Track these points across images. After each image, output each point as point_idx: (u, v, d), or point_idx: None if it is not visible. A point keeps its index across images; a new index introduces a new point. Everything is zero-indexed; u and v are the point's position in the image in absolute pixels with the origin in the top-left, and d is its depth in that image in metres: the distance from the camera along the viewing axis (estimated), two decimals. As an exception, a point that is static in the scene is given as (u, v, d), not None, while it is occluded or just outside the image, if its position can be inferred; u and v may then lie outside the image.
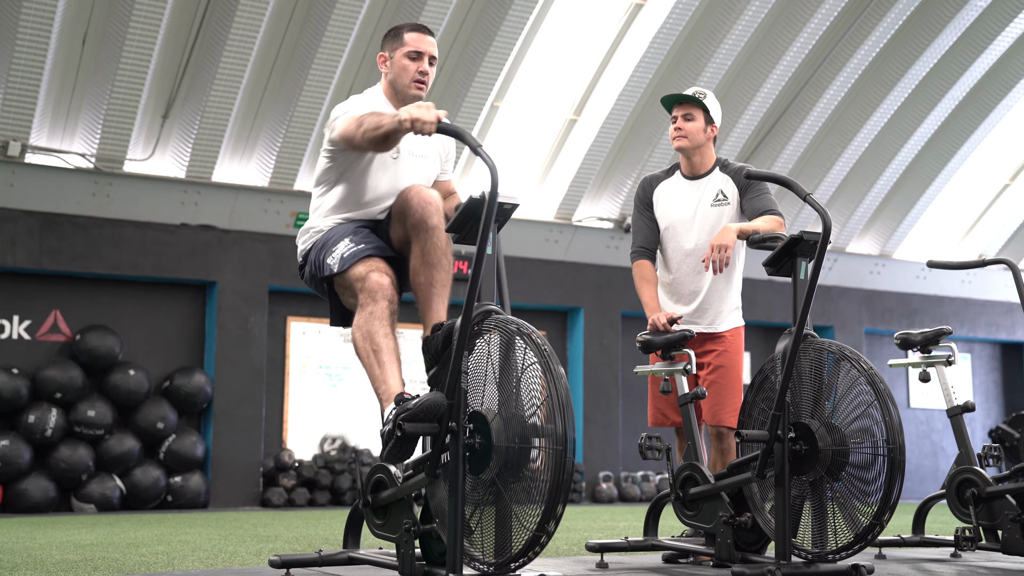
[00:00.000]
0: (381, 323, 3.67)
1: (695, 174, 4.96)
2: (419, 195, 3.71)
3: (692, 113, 4.89)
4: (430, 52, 4.03)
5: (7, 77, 9.21)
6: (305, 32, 9.99)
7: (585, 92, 11.67)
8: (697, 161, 4.94)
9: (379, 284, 3.68)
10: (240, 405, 10.47)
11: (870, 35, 11.82)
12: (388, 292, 3.70)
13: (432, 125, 3.44)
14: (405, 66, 3.99)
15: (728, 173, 4.92)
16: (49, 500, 9.34)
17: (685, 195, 4.94)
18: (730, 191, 4.89)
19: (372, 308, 3.68)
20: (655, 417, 4.99)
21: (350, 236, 3.84)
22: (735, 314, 4.93)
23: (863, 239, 14.18)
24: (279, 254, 10.68)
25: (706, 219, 4.86)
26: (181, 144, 10.27)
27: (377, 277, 3.69)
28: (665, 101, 4.98)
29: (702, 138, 4.90)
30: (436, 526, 3.51)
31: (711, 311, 4.88)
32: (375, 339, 3.65)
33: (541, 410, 3.31)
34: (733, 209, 4.86)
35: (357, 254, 3.75)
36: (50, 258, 9.89)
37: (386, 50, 4.06)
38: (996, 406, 15.58)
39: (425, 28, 4.07)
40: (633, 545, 4.80)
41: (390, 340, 3.67)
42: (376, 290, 3.68)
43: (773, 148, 12.61)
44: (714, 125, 4.92)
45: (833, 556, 4.09)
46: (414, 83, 3.99)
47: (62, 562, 4.96)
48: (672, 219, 4.93)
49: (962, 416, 5.26)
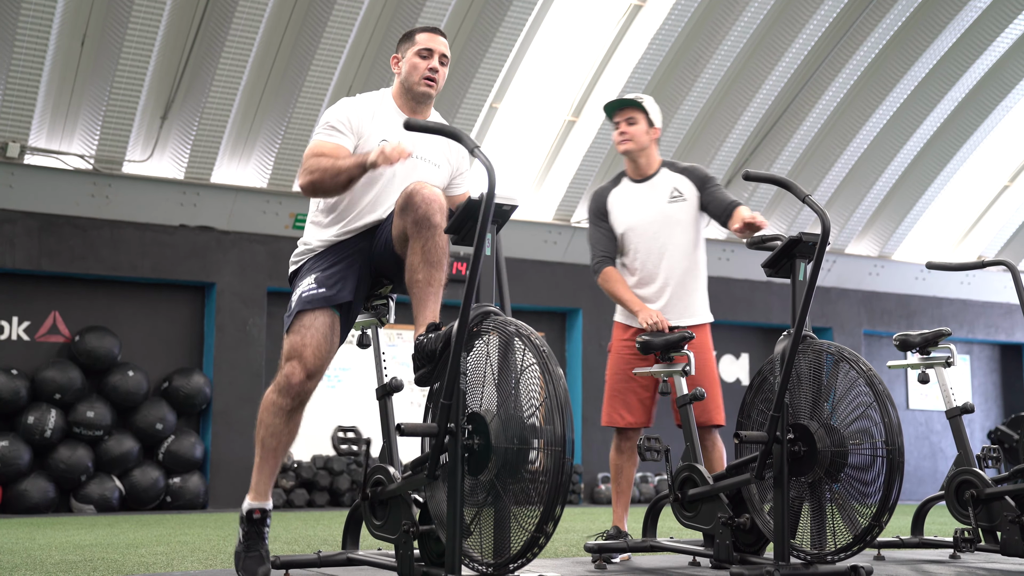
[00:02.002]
0: (276, 418, 3.90)
1: (644, 176, 5.12)
2: (423, 192, 3.70)
3: (634, 117, 5.06)
4: (441, 51, 4.06)
5: (6, 78, 9.21)
6: (304, 33, 9.99)
7: (584, 93, 11.68)
8: (644, 163, 5.11)
9: (289, 379, 3.86)
10: (239, 406, 10.47)
11: (869, 36, 11.83)
12: (296, 390, 3.86)
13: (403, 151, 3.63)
14: (415, 64, 4.04)
15: (679, 172, 5.10)
16: (48, 501, 9.33)
17: (638, 197, 5.09)
18: (686, 188, 5.06)
19: (277, 400, 3.90)
20: (610, 416, 5.06)
21: (313, 274, 3.95)
22: (703, 310, 5.09)
23: (862, 240, 14.19)
24: (278, 255, 10.67)
25: (665, 216, 5.02)
26: (180, 145, 10.27)
27: (290, 369, 3.87)
28: (607, 108, 5.15)
29: (646, 140, 5.07)
30: (435, 527, 3.51)
31: (678, 307, 5.02)
32: (263, 430, 3.92)
33: (540, 411, 3.30)
34: (692, 205, 5.04)
35: (301, 301, 3.91)
36: (49, 259, 9.89)
37: (399, 52, 4.11)
38: (995, 407, 15.58)
39: (437, 29, 4.12)
40: (632, 546, 4.80)
41: (279, 439, 3.90)
42: (285, 385, 3.87)
43: (772, 149, 12.61)
44: (655, 128, 5.09)
45: (832, 557, 4.09)
46: (423, 80, 4.03)
47: (61, 563, 4.95)
48: (630, 222, 5.07)
49: (961, 417, 5.26)
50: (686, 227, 5.05)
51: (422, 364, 3.58)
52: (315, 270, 3.97)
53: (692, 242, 5.08)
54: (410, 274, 3.77)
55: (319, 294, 3.90)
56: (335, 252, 3.99)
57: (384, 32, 10.20)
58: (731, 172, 12.55)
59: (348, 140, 3.93)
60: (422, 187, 3.72)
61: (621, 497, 5.05)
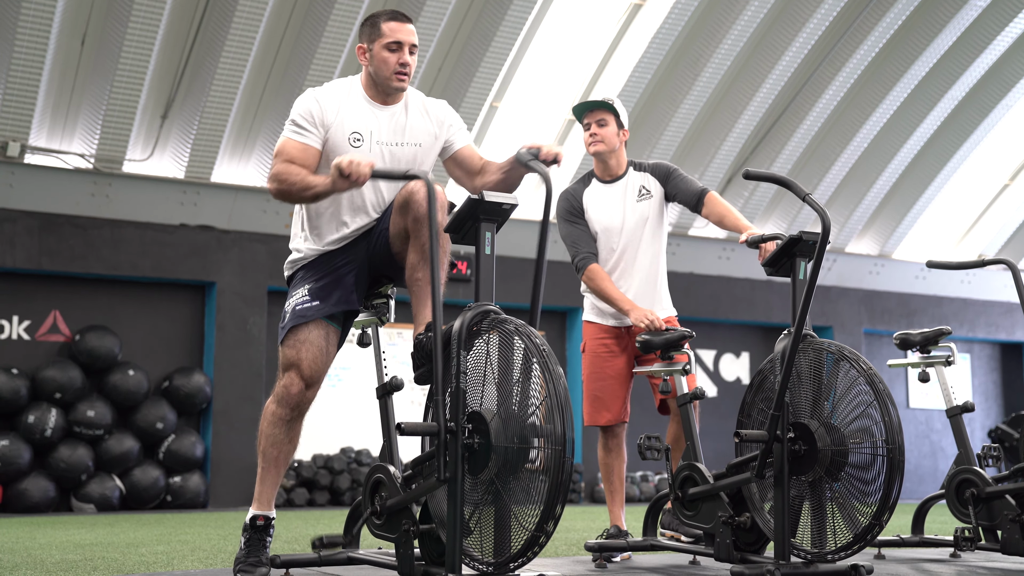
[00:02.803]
0: (277, 428, 3.90)
1: (614, 176, 5.17)
2: (424, 190, 3.65)
3: (605, 119, 5.11)
4: (410, 41, 3.93)
5: (6, 77, 9.21)
6: (304, 32, 10.00)
7: (584, 92, 11.67)
8: (613, 164, 5.16)
9: (287, 390, 3.86)
10: (239, 405, 10.47)
11: (869, 35, 11.83)
12: (294, 400, 3.86)
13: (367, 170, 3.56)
14: (385, 58, 3.90)
15: (644, 170, 5.17)
16: (49, 500, 9.34)
17: (610, 198, 5.14)
18: (651, 185, 5.13)
19: (276, 410, 3.90)
20: (592, 416, 5.10)
21: (306, 285, 3.93)
22: (667, 306, 5.16)
23: (862, 239, 14.18)
24: (278, 254, 10.66)
25: (633, 215, 5.09)
26: (180, 144, 10.27)
27: (288, 380, 3.86)
28: (576, 110, 5.18)
29: (616, 141, 5.12)
30: (435, 526, 3.51)
31: (646, 301, 5.06)
32: (264, 441, 3.91)
33: (540, 410, 3.30)
34: (658, 201, 5.13)
35: (296, 315, 3.88)
36: (49, 258, 9.89)
37: (364, 41, 3.96)
38: (995, 406, 15.58)
39: (403, 15, 3.97)
40: (632, 545, 4.80)
41: (280, 448, 3.91)
42: (284, 396, 3.87)
43: (772, 148, 12.61)
44: (625, 129, 5.15)
45: (832, 556, 4.09)
46: (395, 75, 3.91)
47: (62, 562, 4.96)
48: (605, 223, 5.11)
49: (961, 416, 5.26)
50: (653, 223, 5.14)
51: (421, 362, 3.57)
52: (308, 280, 3.94)
53: (659, 237, 5.16)
54: (410, 272, 3.76)
55: (312, 307, 3.88)
56: (327, 260, 3.95)
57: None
58: (731, 171, 12.55)
59: (314, 138, 3.85)
60: (423, 186, 3.66)
61: (615, 495, 5.06)
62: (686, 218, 12.63)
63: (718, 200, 4.98)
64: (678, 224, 12.58)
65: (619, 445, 5.08)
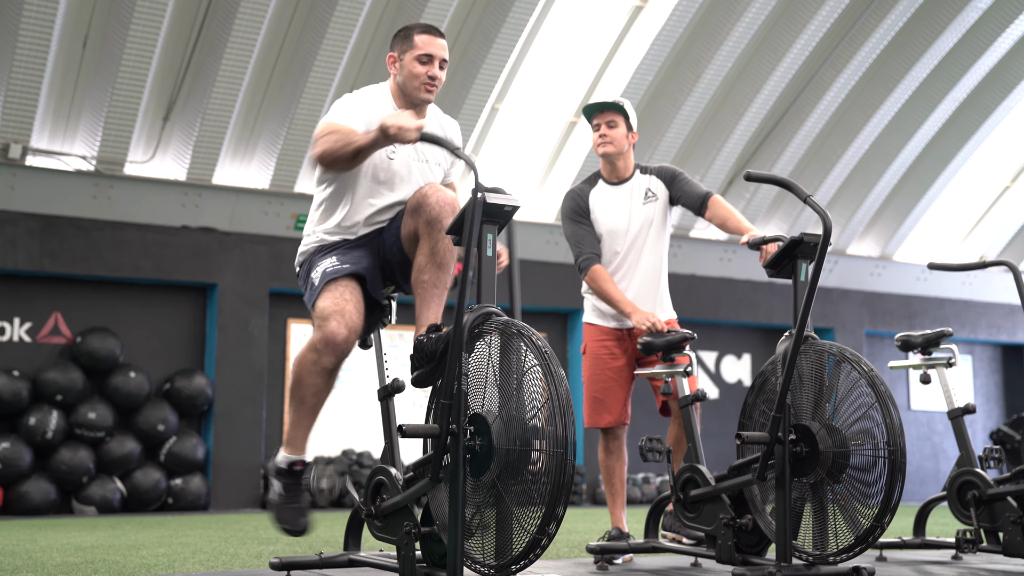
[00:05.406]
0: (318, 377, 3.78)
1: (621, 178, 5.18)
2: (438, 194, 3.77)
3: (615, 120, 5.12)
4: (441, 55, 4.00)
5: (8, 79, 9.22)
6: (306, 34, 10.00)
7: (586, 94, 11.67)
8: (622, 166, 5.17)
9: (333, 336, 3.72)
10: (241, 407, 10.47)
11: (871, 37, 11.83)
12: (340, 348, 3.74)
13: (415, 132, 3.58)
14: (415, 70, 3.97)
15: (650, 173, 5.18)
16: (50, 502, 9.34)
17: (616, 199, 5.14)
18: (656, 187, 5.15)
19: (316, 359, 3.75)
20: (593, 419, 5.11)
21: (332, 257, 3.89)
22: (668, 308, 5.18)
23: (864, 241, 14.18)
24: (280, 256, 10.67)
25: (639, 218, 5.10)
26: (182, 146, 10.27)
27: (335, 326, 3.73)
28: (586, 110, 5.18)
29: (625, 143, 5.13)
30: (436, 528, 3.51)
31: (648, 304, 5.07)
32: (304, 390, 3.80)
33: (542, 412, 3.31)
34: (662, 204, 5.14)
35: (327, 275, 3.81)
36: (51, 260, 9.89)
37: (396, 51, 4.03)
38: (997, 408, 15.57)
39: (436, 30, 4.04)
40: (634, 547, 4.80)
41: (320, 397, 3.82)
42: (329, 342, 3.73)
43: (774, 150, 12.61)
44: (634, 132, 5.16)
45: (834, 558, 4.09)
46: (424, 87, 3.97)
47: (63, 564, 4.96)
48: (611, 225, 5.12)
49: (963, 418, 5.26)
50: (657, 226, 5.15)
51: (420, 364, 3.58)
52: (334, 253, 3.92)
53: (662, 240, 5.18)
54: (416, 274, 3.79)
55: (344, 268, 3.84)
56: (348, 243, 3.96)
57: (386, 33, 10.20)
58: (733, 172, 12.55)
59: (359, 126, 3.88)
60: (436, 190, 3.78)
61: (617, 498, 5.06)
62: (687, 220, 12.64)
63: (721, 203, 4.98)
64: (679, 226, 12.59)
65: (620, 447, 5.08)
